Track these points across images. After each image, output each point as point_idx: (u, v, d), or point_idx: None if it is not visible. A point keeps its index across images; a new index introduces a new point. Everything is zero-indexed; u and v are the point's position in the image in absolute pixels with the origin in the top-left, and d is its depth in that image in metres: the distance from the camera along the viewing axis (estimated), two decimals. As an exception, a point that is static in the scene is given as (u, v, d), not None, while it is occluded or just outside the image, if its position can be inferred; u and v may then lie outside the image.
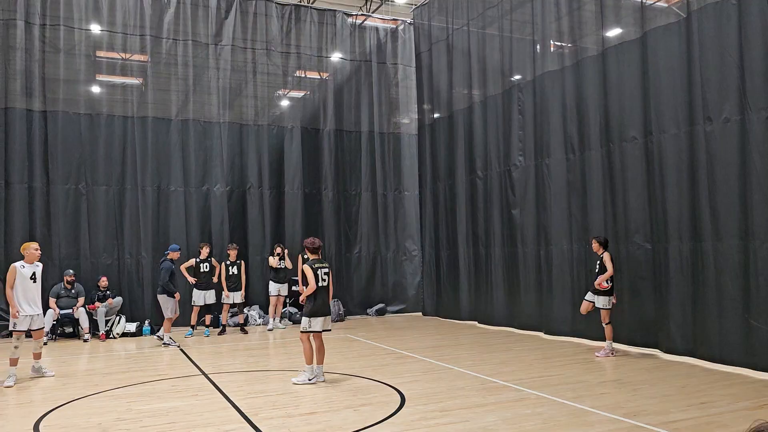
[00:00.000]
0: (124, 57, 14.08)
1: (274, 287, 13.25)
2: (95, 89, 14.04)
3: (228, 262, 12.86)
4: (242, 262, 12.98)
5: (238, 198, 14.78)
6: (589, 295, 9.40)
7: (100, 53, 14.05)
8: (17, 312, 8.02)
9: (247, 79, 15.28)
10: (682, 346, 8.77)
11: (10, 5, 13.00)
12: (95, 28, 13.79)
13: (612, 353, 9.07)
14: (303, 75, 16.09)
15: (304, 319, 7.54)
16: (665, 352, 8.99)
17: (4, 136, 12.83)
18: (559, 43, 11.58)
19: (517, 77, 12.50)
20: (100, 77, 14.16)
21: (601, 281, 9.06)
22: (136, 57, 14.17)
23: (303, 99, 16.08)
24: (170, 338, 11.17)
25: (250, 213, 14.81)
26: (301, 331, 7.57)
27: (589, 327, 10.35)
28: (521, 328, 12.14)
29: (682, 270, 8.81)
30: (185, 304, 13.38)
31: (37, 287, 8.25)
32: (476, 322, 13.56)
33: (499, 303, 12.86)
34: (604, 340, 9.27)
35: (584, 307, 9.46)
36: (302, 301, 7.65)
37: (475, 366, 8.52)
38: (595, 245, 9.36)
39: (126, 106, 13.96)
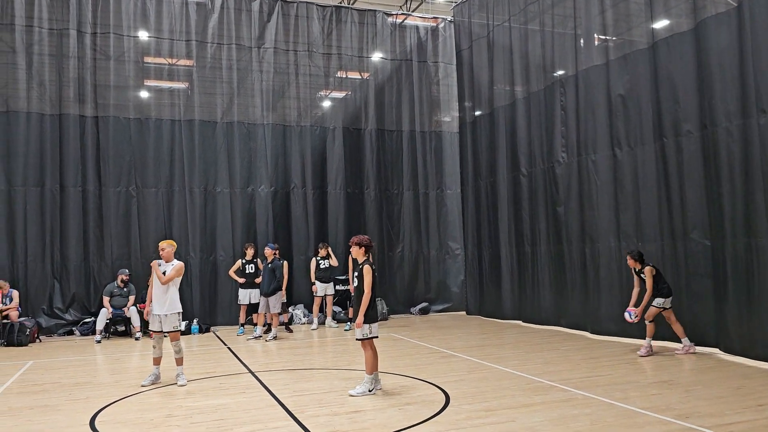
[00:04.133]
0: (170, 62, 14.43)
1: (320, 287, 13.38)
2: (144, 94, 14.44)
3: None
4: (285, 261, 13.11)
5: (282, 198, 14.98)
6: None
7: (148, 59, 14.43)
8: (148, 311, 7.99)
9: (289, 80, 15.46)
10: (738, 346, 8.50)
11: (63, 15, 13.47)
12: (143, 35, 14.17)
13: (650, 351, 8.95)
14: (344, 75, 16.19)
15: (365, 326, 6.90)
16: (725, 351, 8.73)
17: (59, 141, 13.32)
18: (604, 37, 11.35)
19: (560, 72, 12.31)
20: (148, 82, 14.55)
21: (640, 311, 9.02)
22: (183, 62, 14.50)
23: (344, 99, 16.19)
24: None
25: (294, 213, 14.99)
26: (363, 339, 6.94)
27: (638, 326, 10.13)
28: (567, 327, 11.96)
29: (737, 267, 8.53)
30: (232, 304, 13.68)
31: (165, 287, 7.79)
32: (521, 321, 13.42)
33: (544, 302, 12.69)
34: (654, 339, 9.07)
35: (650, 313, 9.12)
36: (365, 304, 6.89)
37: (521, 365, 8.44)
38: (630, 261, 9.20)
39: (173, 110, 14.32)
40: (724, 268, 8.77)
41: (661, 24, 10.09)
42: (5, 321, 11.78)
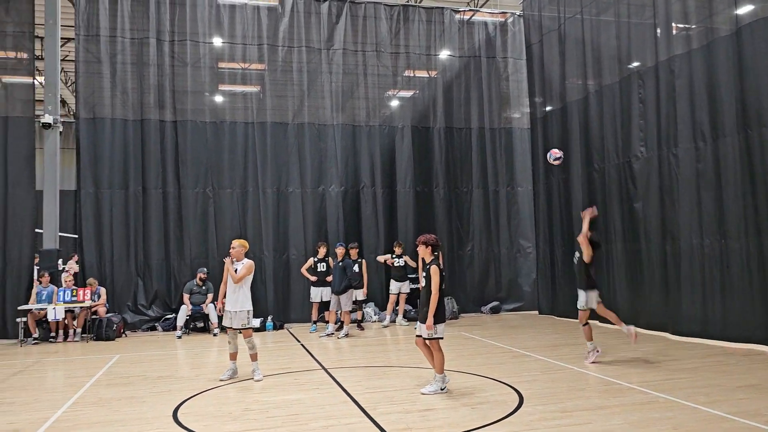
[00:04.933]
0: (243, 66, 14.87)
1: (394, 285, 13.50)
2: (218, 98, 14.93)
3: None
4: (363, 260, 13.19)
5: (352, 198, 15.15)
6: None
7: (222, 64, 14.91)
8: (220, 308, 8.25)
9: (358, 81, 15.62)
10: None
11: (143, 25, 14.12)
12: (217, 41, 14.66)
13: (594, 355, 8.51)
14: (412, 74, 16.20)
15: (436, 326, 6.82)
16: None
17: (141, 145, 13.98)
18: (683, 25, 10.87)
19: (636, 64, 11.87)
20: (223, 87, 15.03)
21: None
22: (255, 66, 14.91)
23: (413, 98, 16.20)
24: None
25: (363, 212, 15.13)
26: (432, 338, 6.85)
27: (724, 328, 9.66)
28: (646, 327, 11.51)
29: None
30: (304, 302, 13.93)
31: (236, 285, 7.99)
32: (597, 322, 13.03)
33: (621, 301, 12.25)
34: (740, 342, 8.62)
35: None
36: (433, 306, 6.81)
37: (597, 366, 8.20)
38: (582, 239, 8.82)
39: (246, 113, 14.74)
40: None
41: (744, 9, 9.57)
42: (94, 317, 12.46)
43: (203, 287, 13.06)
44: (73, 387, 7.87)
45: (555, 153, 9.93)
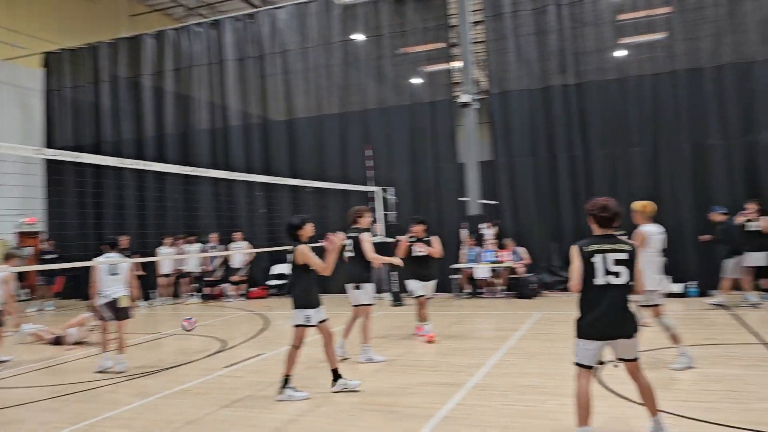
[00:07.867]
0: (646, 14, 13.82)
1: None
2: (621, 53, 14.25)
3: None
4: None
5: (791, 146, 12.72)
6: None
7: (623, 16, 14.12)
8: None
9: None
10: None
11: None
12: (617, -7, 13.98)
13: None
14: None
15: None
16: None
17: (545, 112, 14.38)
18: None
19: None
20: (625, 40, 14.23)
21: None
22: (659, 10, 13.72)
23: None
24: None
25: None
26: None
27: None
28: None
29: None
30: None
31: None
32: None
33: None
34: None
35: None
36: None
37: None
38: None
39: (652, 64, 13.70)
40: None
41: None
42: (514, 276, 13.50)
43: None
44: (501, 339, 8.70)
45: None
